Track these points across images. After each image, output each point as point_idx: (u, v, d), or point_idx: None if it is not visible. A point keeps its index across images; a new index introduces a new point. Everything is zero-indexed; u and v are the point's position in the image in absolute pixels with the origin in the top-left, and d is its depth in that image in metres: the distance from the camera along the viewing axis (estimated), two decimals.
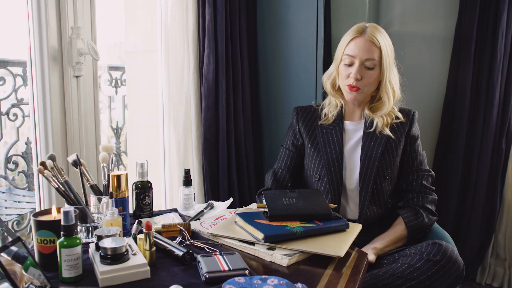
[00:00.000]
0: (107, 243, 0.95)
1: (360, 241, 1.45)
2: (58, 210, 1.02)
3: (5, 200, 2.10)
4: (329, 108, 1.59)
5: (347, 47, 1.49)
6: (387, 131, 1.50)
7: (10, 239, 1.80)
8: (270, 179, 1.63)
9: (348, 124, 1.57)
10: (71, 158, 1.23)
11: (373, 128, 1.52)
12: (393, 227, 1.48)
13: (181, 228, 1.16)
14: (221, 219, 1.31)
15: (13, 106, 1.75)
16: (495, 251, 2.40)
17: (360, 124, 1.56)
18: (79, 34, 1.48)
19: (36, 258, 0.99)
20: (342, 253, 1.04)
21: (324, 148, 1.54)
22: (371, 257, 1.35)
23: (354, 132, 1.56)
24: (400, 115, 1.55)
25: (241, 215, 1.21)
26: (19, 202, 2.10)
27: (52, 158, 1.16)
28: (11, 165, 1.79)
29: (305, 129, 1.60)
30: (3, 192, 2.10)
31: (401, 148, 1.53)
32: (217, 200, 1.74)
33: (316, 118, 1.61)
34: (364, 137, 1.53)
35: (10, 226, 1.86)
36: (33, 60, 1.44)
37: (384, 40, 1.48)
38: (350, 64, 1.48)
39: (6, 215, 2.03)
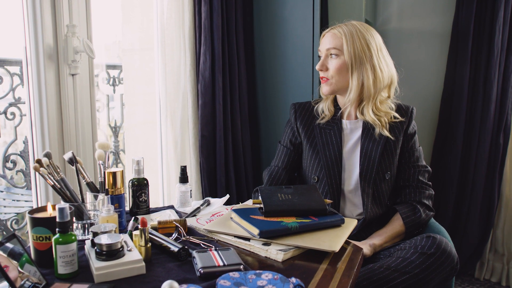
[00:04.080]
0: (102, 239, 0.95)
1: (357, 238, 1.46)
2: (54, 207, 1.03)
3: (4, 199, 2.11)
4: (323, 103, 1.59)
5: (319, 45, 1.55)
6: (386, 133, 1.49)
7: None
8: (266, 176, 1.63)
9: (346, 123, 1.55)
10: (67, 155, 1.24)
11: (371, 129, 1.51)
12: (391, 223, 1.48)
13: (177, 224, 1.17)
14: (217, 216, 1.32)
15: (10, 105, 1.75)
16: (493, 246, 2.40)
17: (358, 123, 1.54)
18: (74, 32, 1.48)
19: (32, 255, 1.00)
20: (337, 248, 1.05)
21: (323, 150, 1.53)
22: (367, 250, 1.36)
23: (352, 132, 1.54)
24: (397, 115, 1.52)
25: (236, 211, 1.22)
26: (17, 201, 2.11)
27: (47, 155, 1.16)
28: (9, 164, 1.80)
29: (303, 129, 1.59)
30: (2, 191, 2.11)
31: (400, 147, 1.53)
32: (215, 197, 1.74)
33: (315, 116, 1.59)
34: (362, 137, 1.52)
35: (9, 225, 1.86)
36: (29, 58, 1.45)
37: (351, 30, 1.46)
38: (320, 57, 1.52)
39: (5, 213, 2.04)
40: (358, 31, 1.46)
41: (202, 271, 0.92)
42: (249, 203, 1.43)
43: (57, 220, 0.92)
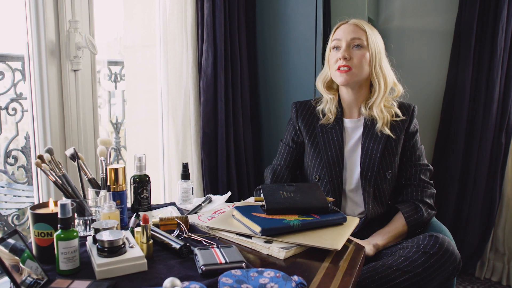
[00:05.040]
0: (104, 236, 0.95)
1: (359, 236, 1.45)
2: (55, 203, 1.03)
3: (5, 195, 2.11)
4: (326, 105, 1.58)
5: (334, 35, 1.52)
6: (387, 131, 1.49)
7: None
8: (269, 176, 1.62)
9: (347, 122, 1.55)
10: (69, 151, 1.24)
11: (372, 127, 1.51)
12: (393, 222, 1.47)
13: (178, 221, 1.17)
14: (219, 213, 1.31)
15: (12, 100, 1.75)
16: (494, 245, 2.40)
17: (359, 122, 1.54)
18: (76, 28, 1.47)
19: (34, 251, 1.00)
20: (339, 246, 1.05)
21: (324, 149, 1.52)
22: (370, 250, 1.35)
23: (353, 131, 1.54)
24: (399, 112, 1.52)
25: (238, 208, 1.22)
26: (18, 196, 2.11)
27: (49, 151, 1.16)
28: (10, 160, 1.79)
29: (304, 128, 1.58)
30: (3, 187, 2.11)
31: (401, 146, 1.52)
32: (216, 194, 1.74)
33: (316, 115, 1.59)
34: (363, 136, 1.51)
35: (10, 221, 1.86)
36: (31, 54, 1.44)
37: (369, 27, 1.49)
38: (338, 48, 1.49)
39: (6, 209, 2.04)
40: (372, 27, 1.49)
41: (204, 269, 0.92)
42: (250, 200, 1.43)
43: (59, 216, 0.92)
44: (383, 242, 1.41)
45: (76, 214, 1.13)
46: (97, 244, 0.96)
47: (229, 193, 1.52)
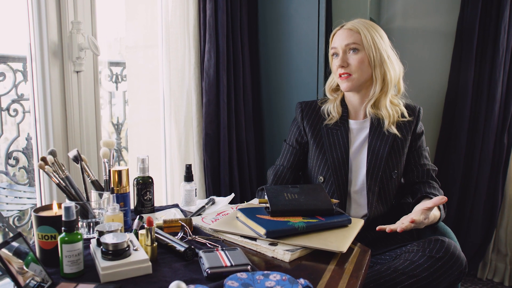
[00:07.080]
0: (108, 239, 0.94)
1: (362, 238, 1.44)
2: (59, 206, 1.02)
3: (6, 196, 2.10)
4: (331, 104, 1.57)
5: (331, 42, 1.53)
6: (394, 130, 1.48)
7: (11, 234, 1.79)
8: (271, 176, 1.62)
9: (352, 123, 1.55)
10: (72, 153, 1.23)
11: (379, 126, 1.50)
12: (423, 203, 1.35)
13: (182, 223, 1.16)
14: (223, 215, 1.31)
15: (13, 101, 1.74)
16: (496, 246, 2.40)
17: (365, 123, 1.53)
18: (79, 29, 1.47)
19: (37, 254, 0.99)
20: (344, 249, 1.04)
21: (329, 151, 1.51)
22: (418, 218, 1.26)
23: (359, 132, 1.53)
24: (405, 112, 1.52)
25: (243, 210, 1.21)
26: (20, 198, 2.10)
27: (52, 153, 1.15)
28: (11, 161, 1.78)
29: (310, 128, 1.57)
30: (4, 188, 2.10)
31: (407, 147, 1.52)
32: (219, 195, 1.74)
33: (321, 116, 1.58)
34: (370, 135, 1.50)
35: (11, 222, 1.85)
36: (33, 55, 1.43)
37: (365, 26, 1.47)
38: (336, 55, 1.50)
39: (7, 210, 2.03)
40: (370, 25, 1.47)
41: (209, 272, 0.92)
42: (254, 202, 1.42)
43: (63, 219, 0.91)
44: (427, 222, 1.30)
45: (79, 216, 1.12)
46: (101, 247, 0.95)
47: (233, 195, 1.51)
